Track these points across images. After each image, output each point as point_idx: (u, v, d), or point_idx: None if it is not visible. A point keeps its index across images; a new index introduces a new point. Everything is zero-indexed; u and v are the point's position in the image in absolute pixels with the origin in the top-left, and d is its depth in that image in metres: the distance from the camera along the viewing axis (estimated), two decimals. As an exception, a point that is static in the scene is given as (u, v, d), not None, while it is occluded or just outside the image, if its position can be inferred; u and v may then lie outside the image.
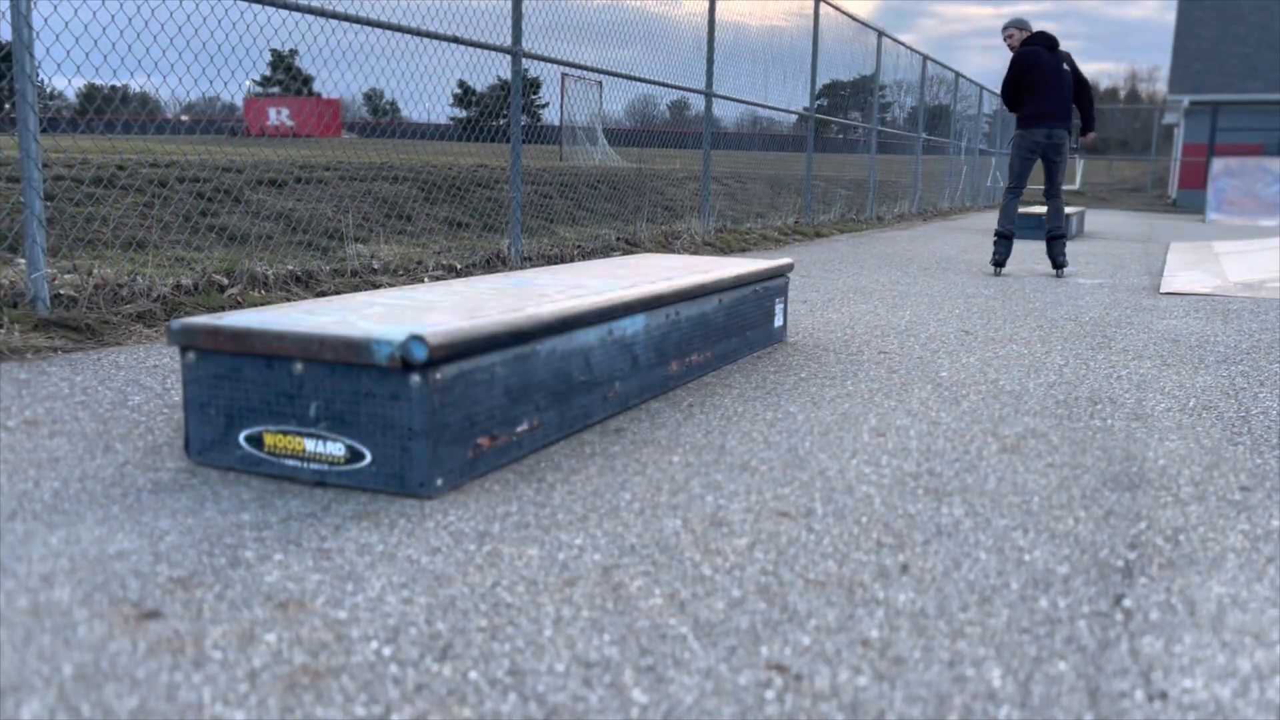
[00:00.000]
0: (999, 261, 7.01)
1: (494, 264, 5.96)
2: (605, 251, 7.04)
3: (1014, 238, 7.02)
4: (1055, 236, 7.04)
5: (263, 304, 4.09)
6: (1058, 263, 7.04)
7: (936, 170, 17.06)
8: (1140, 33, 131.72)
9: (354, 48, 4.99)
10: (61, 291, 3.76)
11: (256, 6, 4.32)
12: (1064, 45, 6.90)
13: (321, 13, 4.57)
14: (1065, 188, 28.71)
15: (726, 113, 10.23)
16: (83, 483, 2.05)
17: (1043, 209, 11.58)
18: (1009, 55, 6.93)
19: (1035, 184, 12.47)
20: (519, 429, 2.29)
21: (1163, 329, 4.59)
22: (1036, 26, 6.99)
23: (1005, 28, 7.07)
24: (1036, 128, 6.77)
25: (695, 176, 9.38)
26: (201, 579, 1.61)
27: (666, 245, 7.82)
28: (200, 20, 4.15)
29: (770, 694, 1.31)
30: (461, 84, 6.58)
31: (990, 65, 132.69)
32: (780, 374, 3.37)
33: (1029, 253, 8.96)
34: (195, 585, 1.58)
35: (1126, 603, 1.63)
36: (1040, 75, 6.72)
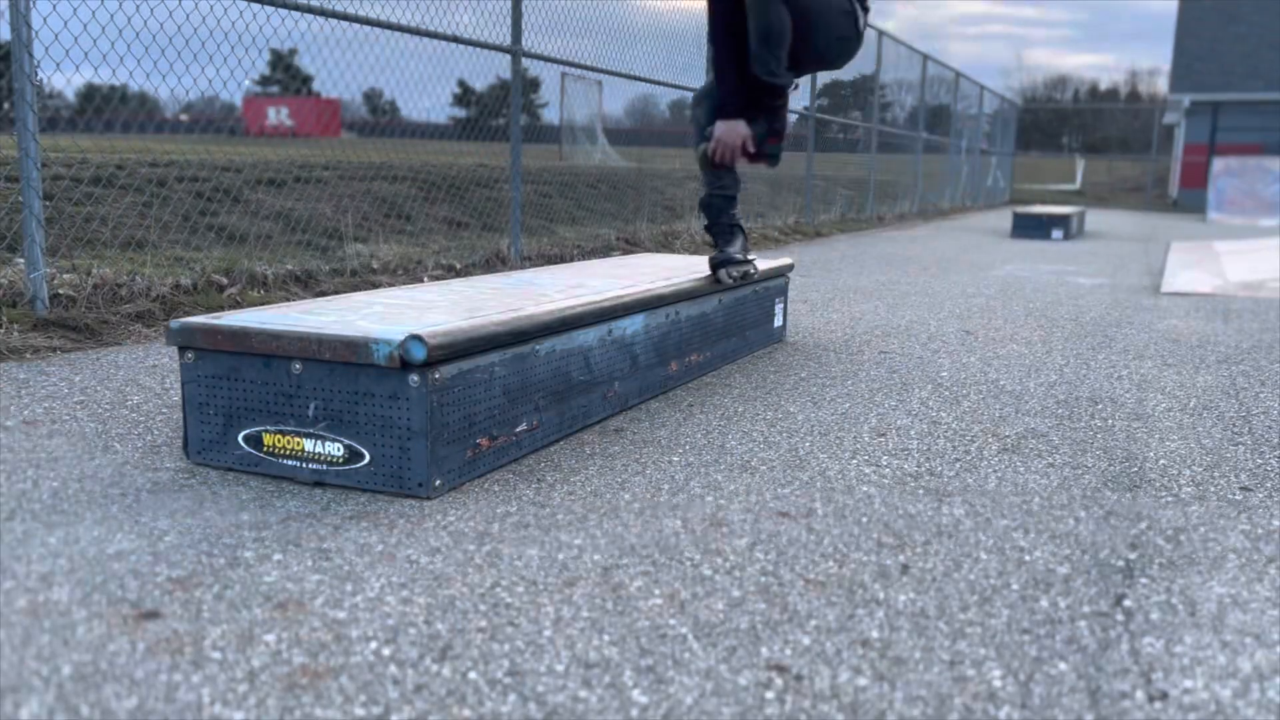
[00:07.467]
0: None
1: (494, 264, 5.96)
2: (605, 251, 7.03)
3: None
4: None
5: (262, 304, 4.08)
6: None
7: (937, 170, 17.05)
8: (1131, 20, 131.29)
9: (354, 46, 4.98)
10: (60, 291, 3.75)
11: (256, 6, 4.32)
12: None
13: (321, 12, 4.57)
14: (1066, 187, 28.62)
15: (727, 112, 10.20)
16: (81, 483, 2.05)
17: (1043, 209, 11.59)
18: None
19: (1037, 183, 12.46)
20: (518, 429, 2.29)
21: (1163, 329, 4.59)
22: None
23: None
24: None
25: (695, 176, 9.36)
26: (200, 579, 1.60)
27: (666, 245, 7.81)
28: (200, 19, 4.14)
29: (770, 694, 1.31)
30: (461, 83, 6.58)
31: (974, 54, 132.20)
32: (780, 374, 3.37)
33: (1030, 252, 8.96)
34: (194, 585, 1.58)
35: (1127, 603, 1.63)
36: None
